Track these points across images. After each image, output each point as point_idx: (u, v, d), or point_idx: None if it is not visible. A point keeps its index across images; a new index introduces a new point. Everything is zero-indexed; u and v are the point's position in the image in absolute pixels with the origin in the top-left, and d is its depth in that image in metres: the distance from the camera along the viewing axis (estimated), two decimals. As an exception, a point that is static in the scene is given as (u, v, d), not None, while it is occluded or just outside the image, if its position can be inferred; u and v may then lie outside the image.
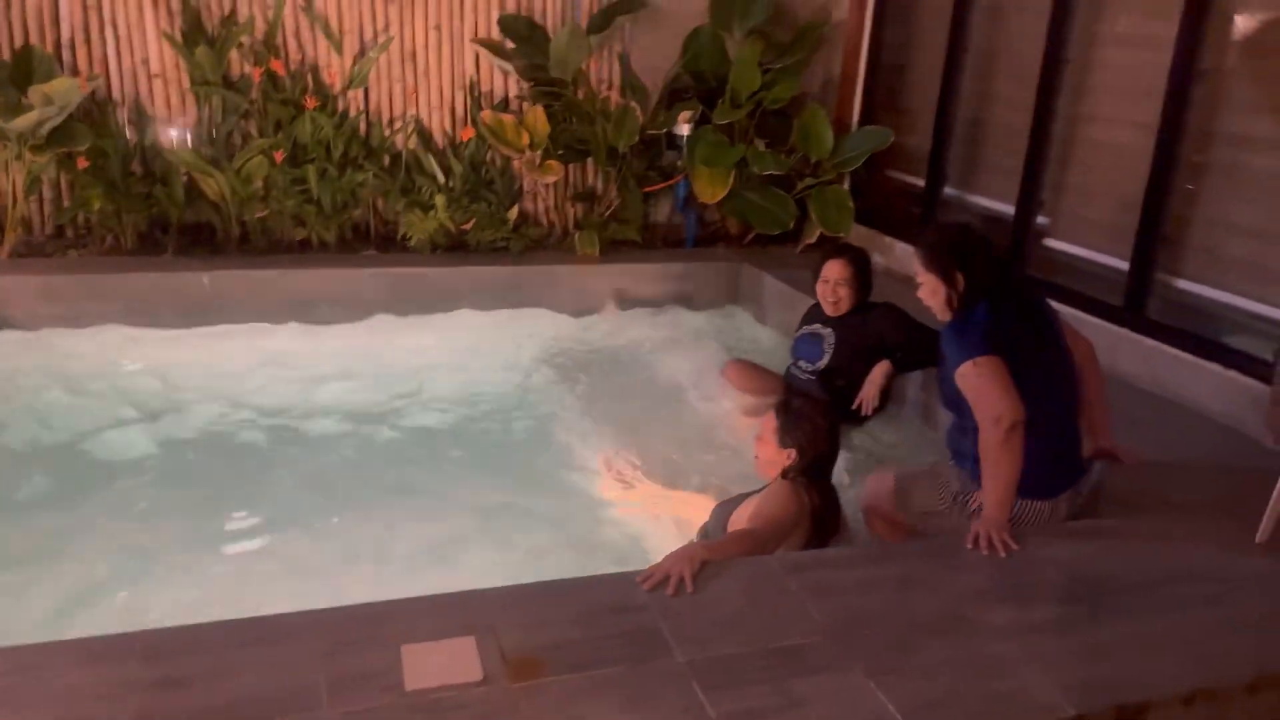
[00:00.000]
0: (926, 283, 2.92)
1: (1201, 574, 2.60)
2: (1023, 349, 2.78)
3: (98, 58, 5.14)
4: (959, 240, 2.95)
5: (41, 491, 3.48)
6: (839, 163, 5.65)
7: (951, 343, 2.84)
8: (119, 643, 2.00)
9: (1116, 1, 4.24)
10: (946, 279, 2.86)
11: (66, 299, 4.70)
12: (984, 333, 2.77)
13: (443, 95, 5.72)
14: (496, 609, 2.24)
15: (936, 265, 2.89)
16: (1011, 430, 2.64)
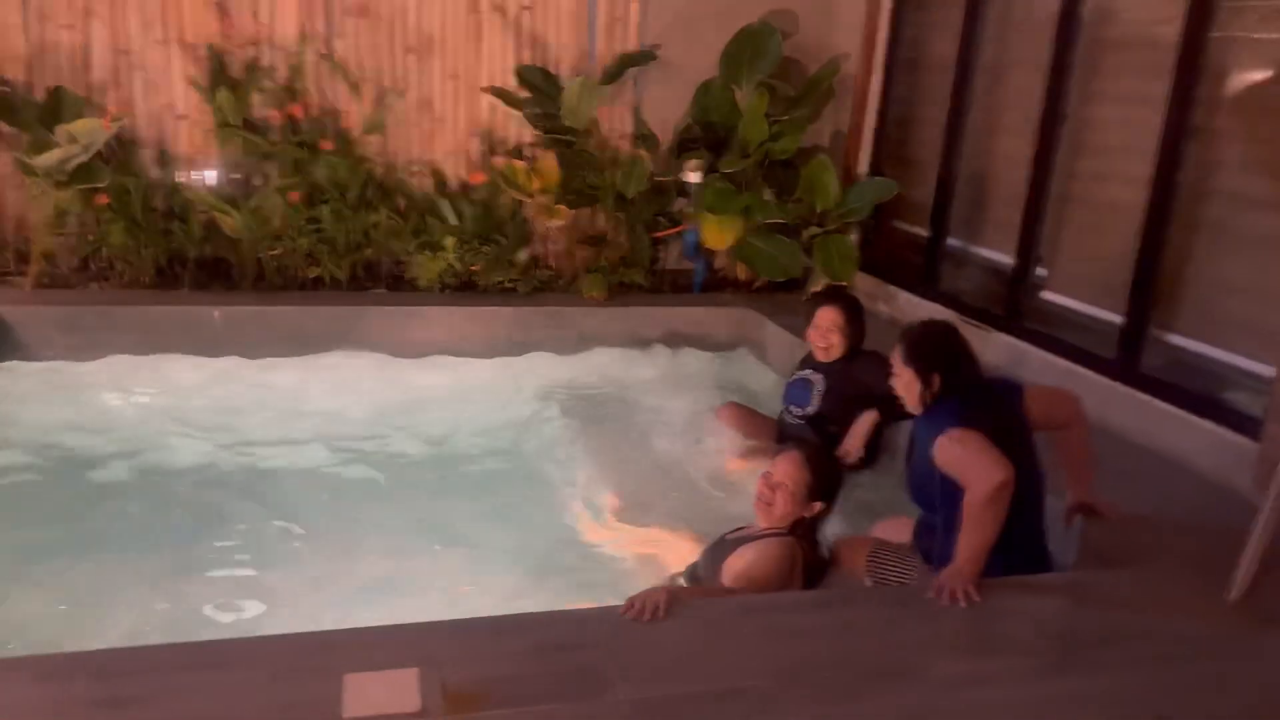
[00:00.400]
0: (903, 376, 2.99)
1: (1164, 632, 2.57)
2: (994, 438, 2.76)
3: (126, 100, 5.35)
4: (942, 344, 3.02)
5: (38, 512, 3.59)
6: (844, 213, 5.70)
7: (922, 427, 2.92)
8: (69, 661, 2.07)
9: (1112, 59, 4.27)
10: (923, 378, 2.95)
11: (84, 329, 4.85)
12: (958, 414, 2.83)
13: (458, 141, 5.88)
14: (446, 642, 2.28)
15: (915, 363, 2.97)
16: (1002, 487, 2.64)
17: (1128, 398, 3.98)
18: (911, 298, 5.49)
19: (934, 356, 2.97)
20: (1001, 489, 2.64)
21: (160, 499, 3.78)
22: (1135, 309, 4.03)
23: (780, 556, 2.86)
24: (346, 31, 5.54)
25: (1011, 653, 2.44)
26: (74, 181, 4.85)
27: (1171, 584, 2.84)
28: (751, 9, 5.96)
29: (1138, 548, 3.06)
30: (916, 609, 2.62)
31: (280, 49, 5.46)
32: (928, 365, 2.96)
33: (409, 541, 3.52)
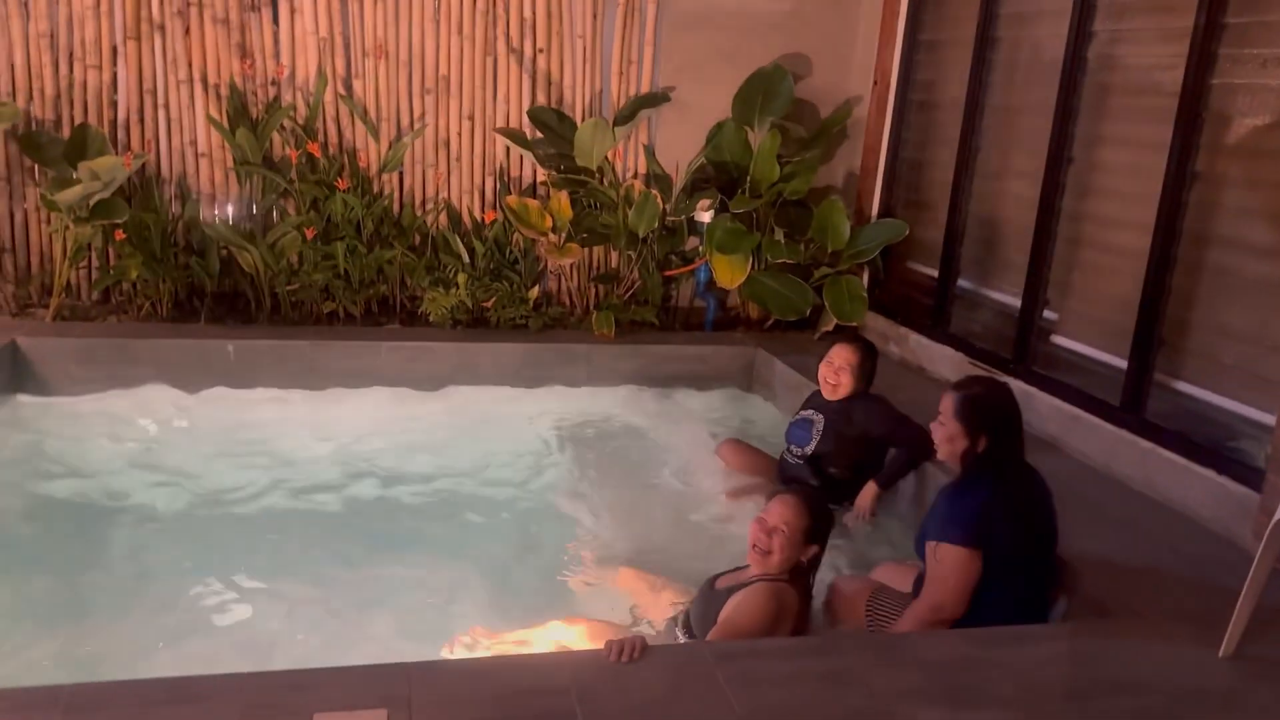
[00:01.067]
0: (949, 427, 2.99)
1: (1149, 685, 2.53)
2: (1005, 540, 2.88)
3: (150, 137, 5.49)
4: (999, 408, 3.00)
5: (41, 543, 3.65)
6: (854, 253, 5.72)
7: (943, 508, 2.96)
8: (44, 694, 2.10)
9: (1117, 103, 4.27)
10: (971, 437, 2.95)
11: (101, 361, 4.95)
12: (976, 517, 2.87)
13: (473, 180, 5.96)
14: (418, 683, 2.29)
15: (968, 420, 2.96)
16: (941, 624, 2.85)
17: (1131, 445, 3.94)
18: (922, 339, 5.48)
19: (988, 418, 2.96)
20: (940, 624, 2.85)
21: (161, 529, 3.83)
22: (1139, 355, 4.00)
23: (767, 604, 2.83)
24: (365, 72, 5.66)
25: (989, 704, 2.41)
26: (94, 217, 4.97)
27: (1163, 636, 2.80)
28: (764, 52, 6.03)
29: (1132, 599, 3.02)
30: (900, 657, 2.60)
31: (299, 89, 5.59)
32: (979, 425, 2.95)
33: (407, 574, 3.54)
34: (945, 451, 3.02)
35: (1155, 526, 3.56)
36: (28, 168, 5.36)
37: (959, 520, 2.89)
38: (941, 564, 2.86)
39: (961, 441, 2.95)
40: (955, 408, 2.98)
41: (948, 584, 2.85)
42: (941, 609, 2.85)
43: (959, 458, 2.98)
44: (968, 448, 2.95)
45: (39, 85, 5.32)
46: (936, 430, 3.04)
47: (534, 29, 5.80)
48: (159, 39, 5.39)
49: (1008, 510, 2.92)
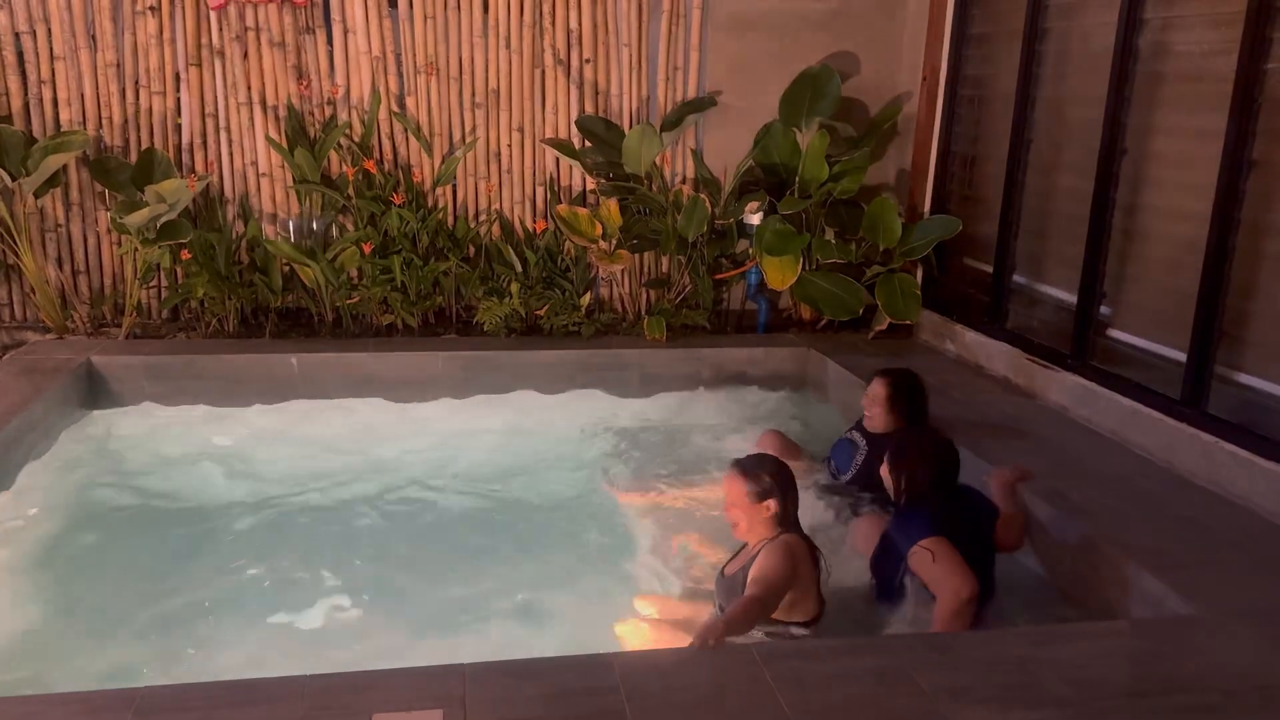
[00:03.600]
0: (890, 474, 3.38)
1: (1207, 684, 2.48)
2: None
3: (212, 159, 5.68)
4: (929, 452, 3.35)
5: (114, 549, 3.81)
6: (907, 250, 5.68)
7: (895, 526, 3.28)
8: (117, 697, 2.20)
9: (1170, 92, 4.19)
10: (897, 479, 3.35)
11: (170, 378, 5.13)
12: (930, 517, 3.19)
13: (525, 191, 6.05)
14: (472, 683, 2.35)
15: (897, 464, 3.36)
16: (970, 606, 3.00)
17: (1193, 439, 3.86)
18: (978, 336, 5.42)
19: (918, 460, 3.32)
20: (969, 604, 3.00)
21: (231, 536, 3.98)
22: (1199, 347, 3.92)
23: (781, 557, 2.98)
24: (417, 89, 5.78)
25: (1041, 703, 2.39)
26: (161, 238, 5.16)
27: (1224, 633, 2.74)
28: (811, 52, 6.02)
29: (1193, 595, 2.96)
30: (952, 657, 2.59)
31: (354, 107, 5.73)
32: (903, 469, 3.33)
33: (461, 582, 3.62)
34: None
35: (1218, 522, 3.48)
36: (98, 192, 5.59)
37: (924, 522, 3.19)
38: (937, 558, 3.08)
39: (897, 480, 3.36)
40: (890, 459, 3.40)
41: (952, 570, 3.04)
42: (960, 592, 2.99)
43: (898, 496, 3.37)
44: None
45: (107, 113, 5.54)
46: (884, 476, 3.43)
47: (580, 40, 5.88)
48: (219, 64, 5.58)
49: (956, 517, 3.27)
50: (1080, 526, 3.39)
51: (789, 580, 2.94)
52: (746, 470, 3.13)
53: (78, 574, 3.59)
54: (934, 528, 3.14)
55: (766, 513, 3.07)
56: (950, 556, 3.06)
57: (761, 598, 2.88)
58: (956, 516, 3.24)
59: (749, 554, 3.10)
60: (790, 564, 2.96)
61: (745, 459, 3.23)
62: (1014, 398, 4.88)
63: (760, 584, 2.91)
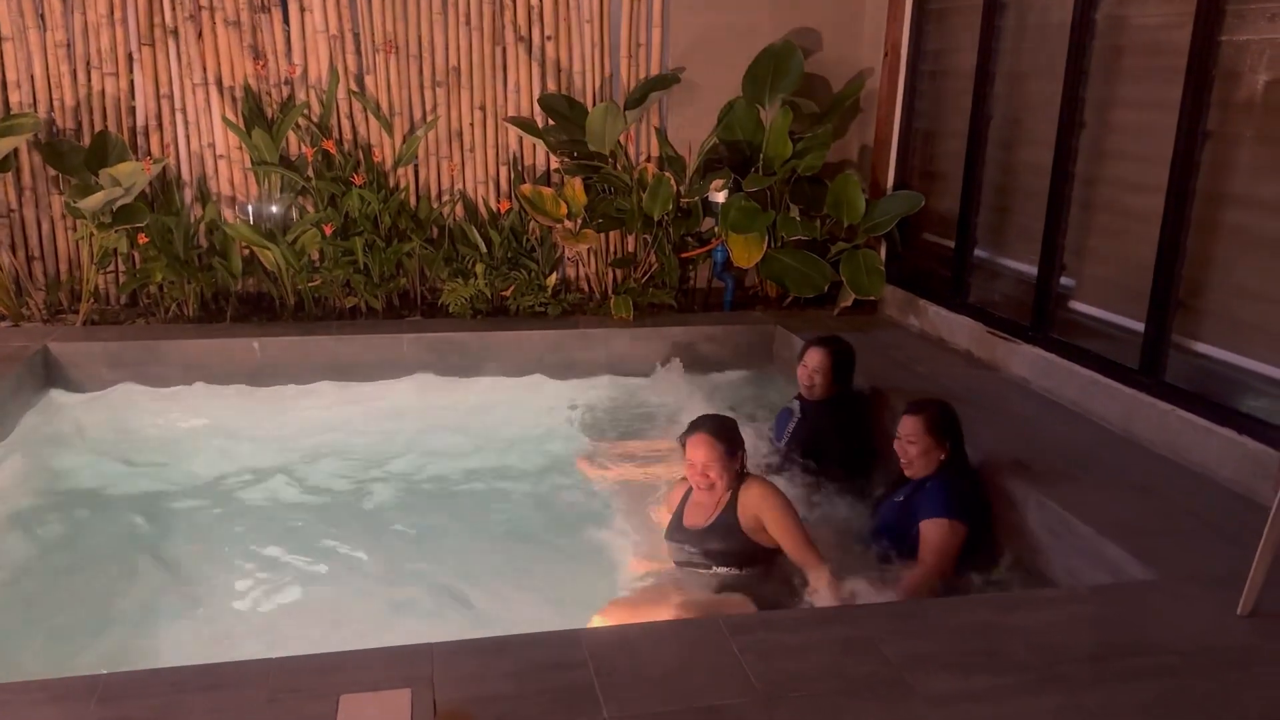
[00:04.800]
0: (922, 444, 3.50)
1: (1166, 646, 2.53)
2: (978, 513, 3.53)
3: (168, 141, 5.58)
4: (955, 416, 3.59)
5: (75, 533, 3.76)
6: (870, 227, 5.71)
7: (934, 495, 3.42)
8: (80, 684, 2.18)
9: (1127, 65, 4.23)
10: (941, 446, 3.51)
11: (130, 363, 5.06)
12: (962, 497, 3.43)
13: (487, 170, 6.01)
14: (440, 662, 2.35)
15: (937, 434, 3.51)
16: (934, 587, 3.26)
17: (1151, 408, 3.92)
18: (941, 310, 5.46)
19: (952, 429, 3.55)
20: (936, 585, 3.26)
21: (190, 520, 3.95)
22: (1157, 317, 3.97)
23: (774, 492, 3.30)
24: (376, 68, 5.71)
25: (1003, 669, 2.42)
26: (117, 222, 5.07)
27: (1181, 597, 2.80)
28: (773, 28, 6.02)
29: (1151, 561, 3.01)
30: (916, 624, 2.63)
31: (313, 87, 5.65)
32: (945, 435, 3.52)
33: (430, 562, 3.62)
34: (920, 465, 3.50)
35: (1175, 489, 3.55)
36: (51, 176, 5.48)
37: (959, 501, 3.41)
38: (940, 534, 3.32)
39: (936, 453, 3.50)
40: (926, 425, 3.51)
41: (945, 552, 3.31)
42: (944, 573, 3.27)
43: (935, 465, 3.50)
44: (942, 456, 3.50)
45: (58, 95, 5.42)
46: (908, 449, 3.52)
47: (541, 16, 5.83)
48: (173, 44, 5.48)
49: (977, 492, 3.56)
50: (1041, 495, 3.43)
51: (794, 510, 3.28)
52: (716, 433, 3.30)
53: (36, 561, 3.54)
54: (964, 509, 3.41)
55: (738, 464, 3.29)
56: (958, 546, 3.34)
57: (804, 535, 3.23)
58: (979, 501, 3.52)
59: (716, 502, 3.31)
60: (783, 496, 3.30)
61: (705, 424, 3.36)
62: (977, 371, 4.93)
63: (781, 527, 3.21)
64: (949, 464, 3.51)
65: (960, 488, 3.46)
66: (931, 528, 3.35)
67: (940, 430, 3.52)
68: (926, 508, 3.39)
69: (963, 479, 3.51)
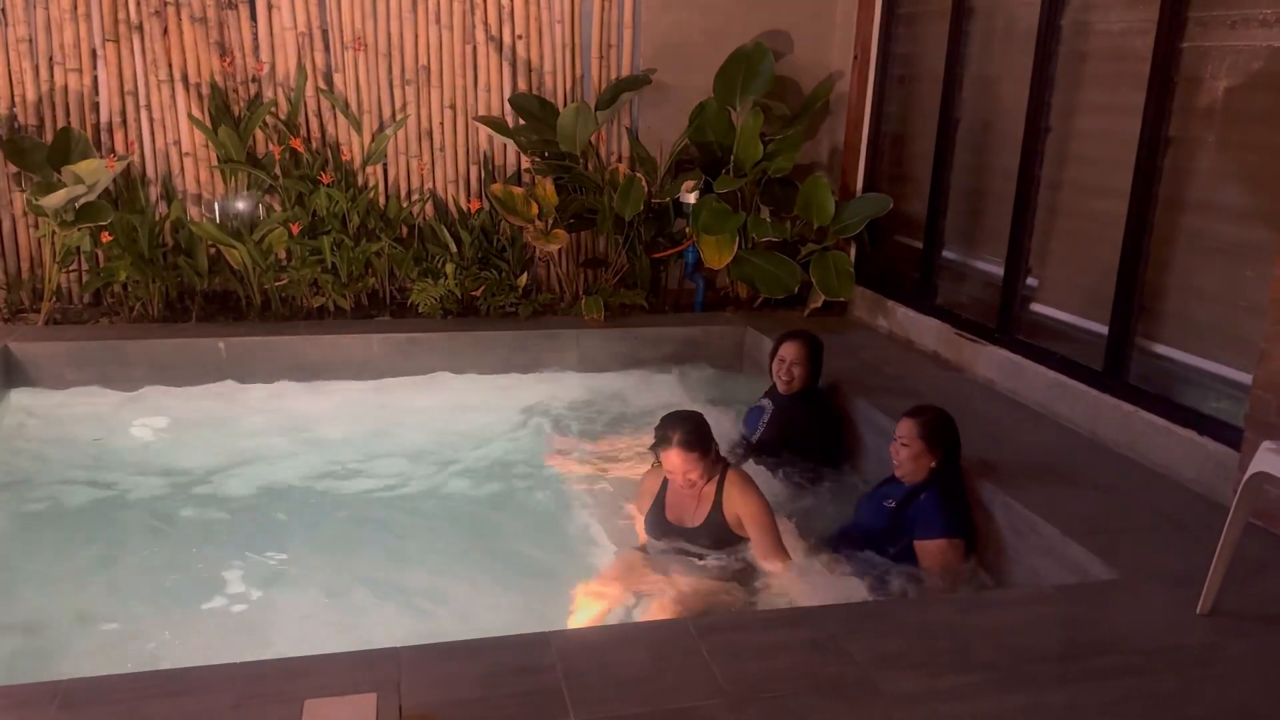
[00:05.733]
0: (915, 448, 3.47)
1: (1128, 645, 2.57)
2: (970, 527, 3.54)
3: (133, 138, 5.51)
4: (952, 425, 3.54)
5: (29, 533, 3.72)
6: (840, 229, 5.74)
7: (930, 511, 3.41)
8: (41, 690, 2.15)
9: (1092, 70, 4.28)
10: (933, 453, 3.47)
11: (93, 363, 4.99)
12: (958, 515, 3.45)
13: (458, 169, 5.98)
14: (408, 666, 2.34)
15: (931, 440, 3.47)
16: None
17: (1114, 409, 3.97)
18: (909, 312, 5.51)
19: (947, 438, 3.51)
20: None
21: (152, 525, 3.88)
22: (1120, 320, 4.03)
23: (752, 488, 3.38)
24: (344, 65, 5.67)
25: (969, 668, 2.45)
26: (80, 220, 5.00)
27: (1143, 597, 2.84)
28: (744, 30, 6.04)
29: (1114, 561, 3.05)
30: (882, 624, 2.65)
31: (280, 84, 5.60)
32: (939, 444, 3.48)
33: (396, 563, 3.59)
34: (910, 469, 3.48)
35: (1138, 489, 3.60)
36: (12, 173, 5.39)
37: (954, 516, 3.42)
38: (943, 555, 3.35)
39: (927, 459, 3.46)
40: (923, 430, 3.47)
41: (950, 569, 3.34)
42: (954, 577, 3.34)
43: (925, 472, 3.47)
44: (932, 464, 3.46)
45: (20, 90, 5.34)
46: (900, 450, 3.49)
47: (512, 15, 5.82)
48: (137, 40, 5.41)
49: (966, 504, 3.54)
50: (1007, 496, 3.47)
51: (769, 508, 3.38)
52: (687, 442, 3.30)
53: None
54: (961, 526, 3.44)
55: (713, 456, 3.37)
56: (961, 561, 3.40)
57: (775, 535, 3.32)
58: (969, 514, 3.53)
59: (701, 497, 3.38)
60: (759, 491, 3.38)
61: (674, 433, 3.33)
62: (944, 372, 4.98)
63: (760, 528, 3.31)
64: (941, 474, 3.46)
65: (955, 504, 3.45)
66: (935, 550, 3.35)
67: (934, 437, 3.47)
68: (925, 526, 3.37)
69: (956, 493, 3.49)
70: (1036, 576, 3.26)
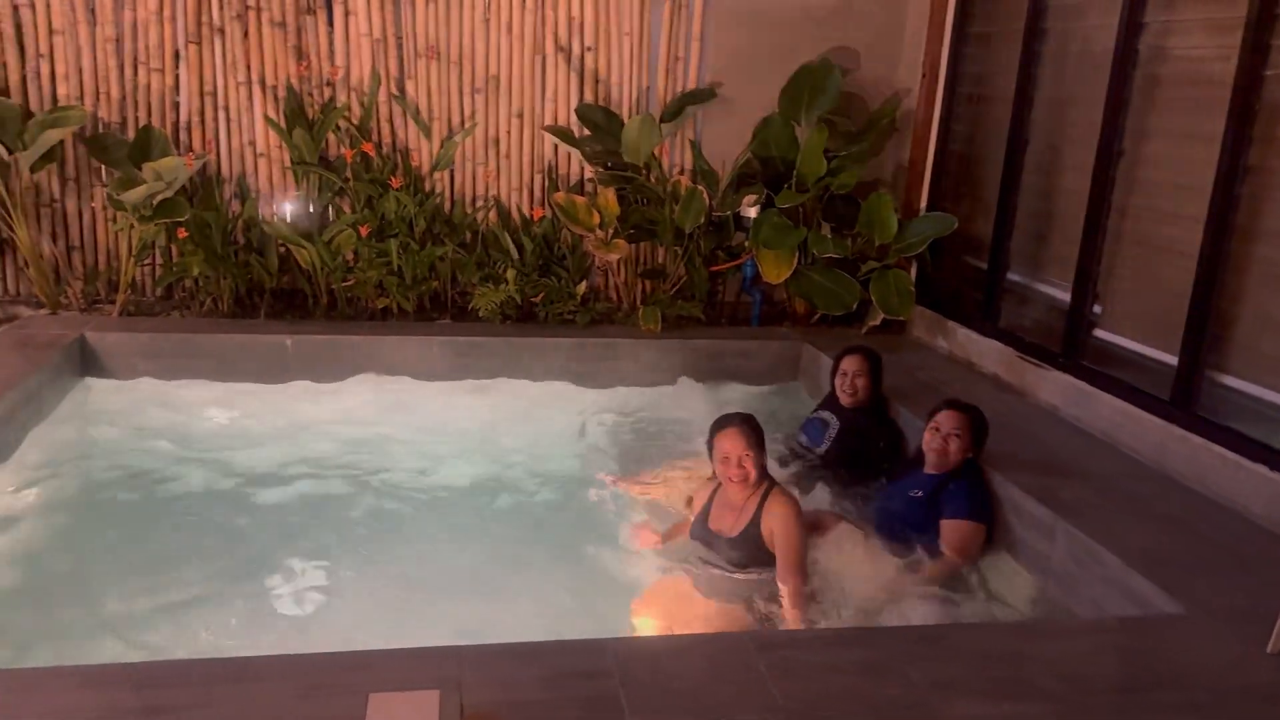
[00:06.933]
0: (966, 440, 3.72)
1: (1194, 681, 2.52)
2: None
3: (210, 138, 5.66)
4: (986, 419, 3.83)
5: (101, 518, 3.82)
6: (902, 247, 5.71)
7: (962, 498, 3.64)
8: (113, 671, 2.21)
9: (1169, 95, 4.22)
10: (975, 446, 3.76)
11: (164, 355, 5.12)
12: (985, 502, 3.69)
13: (523, 177, 6.05)
14: (470, 665, 2.37)
15: (977, 433, 3.76)
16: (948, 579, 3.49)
17: (1182, 441, 3.90)
18: (970, 333, 5.45)
19: (985, 431, 3.81)
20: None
21: (219, 515, 3.98)
22: (1190, 349, 3.95)
23: (795, 512, 3.36)
24: (417, 73, 5.77)
25: (1029, 697, 2.42)
26: (158, 216, 5.14)
27: (1210, 633, 2.78)
28: (812, 46, 6.04)
29: (1180, 595, 3.00)
30: (940, 649, 2.63)
31: (354, 89, 5.71)
32: (982, 437, 3.79)
33: (453, 563, 3.65)
34: (952, 460, 3.71)
35: (1204, 523, 3.52)
36: (95, 169, 5.57)
37: (981, 504, 3.66)
38: (969, 535, 3.57)
39: (969, 451, 3.74)
40: (971, 424, 3.74)
41: (970, 554, 3.55)
42: (957, 570, 3.49)
43: (959, 463, 3.72)
44: (969, 454, 3.74)
45: (105, 89, 5.51)
46: (951, 441, 3.71)
47: (582, 27, 5.88)
48: (219, 42, 5.56)
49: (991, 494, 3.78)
50: (1069, 525, 3.42)
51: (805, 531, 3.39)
52: (746, 423, 3.41)
53: (73, 546, 3.59)
54: (985, 512, 3.66)
55: (764, 467, 3.40)
56: (980, 545, 3.60)
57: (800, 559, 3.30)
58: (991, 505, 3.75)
59: (743, 507, 3.40)
60: (799, 513, 3.37)
61: (733, 418, 3.45)
62: (1005, 396, 4.92)
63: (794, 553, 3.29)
64: (973, 465, 3.75)
65: (981, 493, 3.71)
66: (959, 528, 3.57)
67: (979, 430, 3.79)
68: (952, 507, 3.60)
69: (982, 482, 3.75)
70: (1097, 607, 3.21)
